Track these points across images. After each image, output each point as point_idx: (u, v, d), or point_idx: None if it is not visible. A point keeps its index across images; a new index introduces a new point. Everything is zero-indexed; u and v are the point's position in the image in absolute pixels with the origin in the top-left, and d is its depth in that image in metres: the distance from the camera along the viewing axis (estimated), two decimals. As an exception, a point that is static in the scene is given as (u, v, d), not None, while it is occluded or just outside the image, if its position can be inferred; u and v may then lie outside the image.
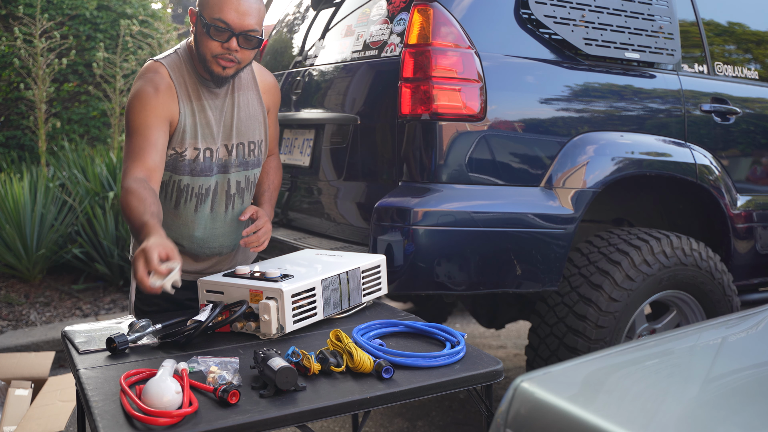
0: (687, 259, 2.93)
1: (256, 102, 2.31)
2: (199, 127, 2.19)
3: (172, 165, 2.20)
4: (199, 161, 2.20)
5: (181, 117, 2.15)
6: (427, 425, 3.45)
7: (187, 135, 2.17)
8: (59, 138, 7.20)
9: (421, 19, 2.62)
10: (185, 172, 2.20)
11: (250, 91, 2.30)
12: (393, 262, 2.54)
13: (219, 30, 2.07)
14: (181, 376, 1.61)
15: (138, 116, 2.09)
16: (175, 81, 2.16)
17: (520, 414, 1.43)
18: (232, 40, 2.08)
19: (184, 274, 2.31)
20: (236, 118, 2.25)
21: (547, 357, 2.86)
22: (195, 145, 2.18)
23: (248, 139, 2.28)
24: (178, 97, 2.15)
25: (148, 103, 2.10)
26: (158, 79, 2.14)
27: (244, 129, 2.27)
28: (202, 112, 2.20)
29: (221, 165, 2.25)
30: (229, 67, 2.13)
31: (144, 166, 2.06)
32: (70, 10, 7.50)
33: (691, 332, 1.84)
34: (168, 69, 2.17)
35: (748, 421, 1.29)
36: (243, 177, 2.30)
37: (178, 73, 2.18)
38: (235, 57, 2.11)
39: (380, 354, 1.78)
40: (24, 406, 3.01)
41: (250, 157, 2.29)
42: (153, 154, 2.08)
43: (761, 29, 3.57)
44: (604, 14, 2.90)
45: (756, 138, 3.38)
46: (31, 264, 5.28)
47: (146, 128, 2.08)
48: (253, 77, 2.32)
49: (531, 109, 2.76)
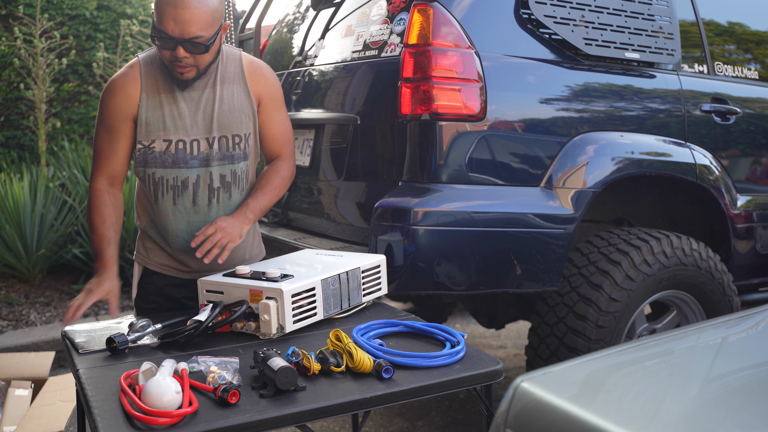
0: (687, 259, 2.93)
1: (242, 95, 2.27)
2: (167, 119, 2.19)
3: (143, 159, 2.22)
4: (170, 153, 2.20)
5: (141, 110, 2.19)
6: (427, 425, 3.45)
7: (152, 127, 2.19)
8: (59, 138, 7.20)
9: (421, 19, 2.62)
10: (157, 165, 2.22)
11: (236, 84, 2.26)
12: (393, 262, 2.54)
13: (163, 39, 2.09)
14: (181, 376, 1.61)
15: (103, 113, 2.23)
16: (144, 74, 2.20)
17: (520, 414, 1.43)
18: (178, 49, 2.08)
19: (180, 272, 2.32)
20: (218, 111, 2.22)
21: (547, 357, 2.86)
22: (164, 137, 2.20)
23: (232, 132, 2.25)
24: (141, 90, 2.19)
25: (109, 103, 2.21)
26: (125, 73, 2.22)
27: (227, 122, 2.24)
28: (173, 104, 2.20)
29: (202, 158, 2.23)
30: (186, 71, 2.14)
31: (106, 173, 2.25)
32: (70, 10, 7.50)
33: (691, 332, 1.84)
34: (141, 63, 2.22)
35: (748, 421, 1.29)
36: (228, 170, 2.26)
37: (151, 67, 2.22)
38: (188, 63, 2.12)
39: (380, 354, 1.78)
40: (24, 406, 3.01)
41: (234, 150, 2.26)
42: (113, 159, 2.24)
43: (761, 29, 3.57)
44: (604, 14, 2.90)
45: (756, 138, 3.38)
46: (31, 264, 5.28)
47: (108, 131, 2.22)
48: (240, 70, 2.28)
49: (531, 109, 2.76)
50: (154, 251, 2.34)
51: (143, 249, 2.36)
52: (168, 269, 2.34)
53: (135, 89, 2.19)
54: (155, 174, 2.22)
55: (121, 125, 2.20)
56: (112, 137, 2.21)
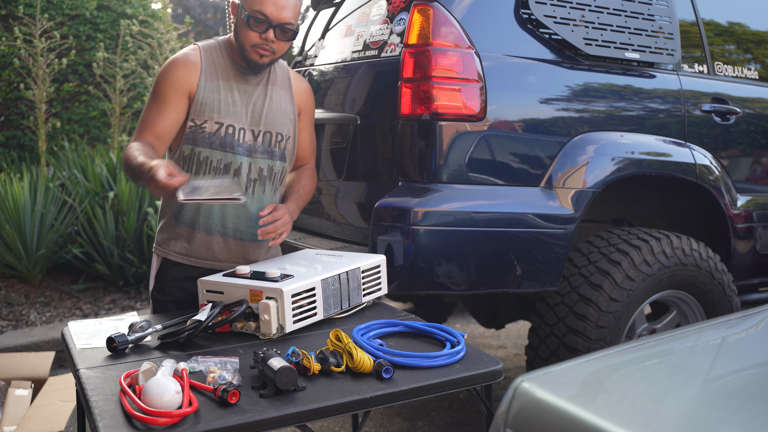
0: (687, 259, 2.93)
1: (287, 100, 2.43)
2: (222, 103, 2.31)
3: (192, 137, 2.31)
4: (219, 135, 2.30)
5: (199, 89, 2.29)
6: (427, 425, 3.45)
7: (206, 108, 2.29)
8: (59, 138, 7.20)
9: (421, 19, 2.62)
10: (205, 144, 2.30)
11: (284, 89, 2.44)
12: (393, 262, 2.54)
13: (258, 21, 2.24)
14: (181, 376, 1.61)
15: (159, 86, 2.29)
16: (204, 59, 2.33)
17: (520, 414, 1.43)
18: (269, 32, 2.25)
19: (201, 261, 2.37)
20: (267, 108, 2.37)
21: (547, 357, 2.86)
22: (217, 119, 2.30)
23: (276, 130, 2.38)
24: (201, 72, 2.30)
25: (169, 75, 2.29)
26: (187, 53, 2.34)
27: (273, 119, 2.38)
28: (229, 91, 2.33)
29: (247, 147, 2.33)
30: (265, 55, 2.28)
31: (152, 132, 2.27)
32: (70, 10, 7.50)
33: (691, 332, 1.84)
34: (201, 49, 2.36)
35: (748, 421, 1.29)
36: (267, 165, 2.37)
37: (210, 54, 2.35)
38: (272, 47, 2.27)
39: (380, 354, 1.78)
40: (24, 406, 3.01)
41: (276, 147, 2.38)
42: (160, 124, 2.27)
43: (761, 29, 3.57)
44: (604, 14, 2.90)
45: (756, 138, 3.38)
46: (31, 264, 5.28)
47: (163, 101, 2.28)
48: (288, 79, 2.47)
49: (531, 109, 2.76)
50: (175, 241, 2.37)
51: (163, 240, 2.40)
52: (188, 258, 2.37)
53: (196, 68, 2.31)
54: (201, 153, 2.30)
55: (175, 97, 2.28)
56: (163, 107, 2.28)
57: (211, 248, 2.36)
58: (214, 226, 2.35)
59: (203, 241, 2.36)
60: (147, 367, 1.65)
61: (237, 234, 2.36)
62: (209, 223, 2.35)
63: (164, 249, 2.40)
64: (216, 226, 2.35)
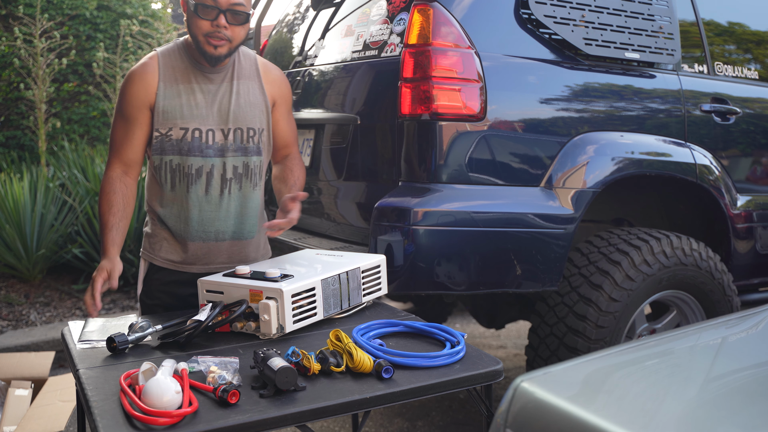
0: (687, 259, 2.93)
1: (257, 91, 2.35)
2: (184, 108, 2.25)
3: (159, 147, 2.27)
4: (186, 140, 2.26)
5: (159, 98, 2.25)
6: (427, 425, 3.45)
7: (169, 115, 2.25)
8: (59, 138, 7.20)
9: (421, 19, 2.62)
10: (174, 152, 2.27)
11: (252, 80, 2.36)
12: (393, 262, 2.54)
13: (206, 8, 2.18)
14: (181, 376, 1.61)
15: (121, 102, 2.28)
16: (162, 64, 2.28)
17: (520, 414, 1.43)
18: (220, 17, 2.18)
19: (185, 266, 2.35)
20: (234, 104, 2.30)
21: (547, 357, 2.86)
22: (181, 124, 2.25)
23: (247, 125, 2.32)
24: (159, 79, 2.25)
25: (127, 91, 2.27)
26: (144, 63, 2.29)
27: (243, 115, 2.31)
28: (191, 94, 2.27)
29: (218, 148, 2.29)
30: (220, 45, 2.21)
31: (121, 160, 2.29)
32: (70, 10, 7.50)
33: (691, 332, 1.84)
34: (159, 55, 2.30)
35: (748, 421, 1.29)
36: (241, 162, 2.32)
37: (169, 57, 2.30)
38: (225, 35, 2.20)
39: (380, 354, 1.78)
40: (24, 406, 3.01)
41: (249, 143, 2.32)
42: (129, 148, 2.28)
43: (761, 29, 3.57)
44: (604, 14, 2.90)
45: (756, 138, 3.38)
46: (31, 264, 5.28)
47: (126, 120, 2.27)
48: (256, 69, 2.38)
49: (531, 109, 2.76)
50: (160, 247, 2.35)
51: (149, 245, 2.38)
52: (174, 264, 2.35)
53: (153, 78, 2.26)
54: (172, 161, 2.28)
55: (138, 114, 2.25)
56: (129, 126, 2.27)
57: (195, 253, 2.33)
58: (195, 232, 2.31)
59: (187, 246, 2.33)
60: (147, 367, 1.65)
61: (219, 236, 2.33)
62: (189, 229, 2.31)
63: (150, 254, 2.38)
64: (196, 232, 2.31)
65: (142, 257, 2.40)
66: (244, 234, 2.36)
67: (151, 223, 2.38)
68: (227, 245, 2.35)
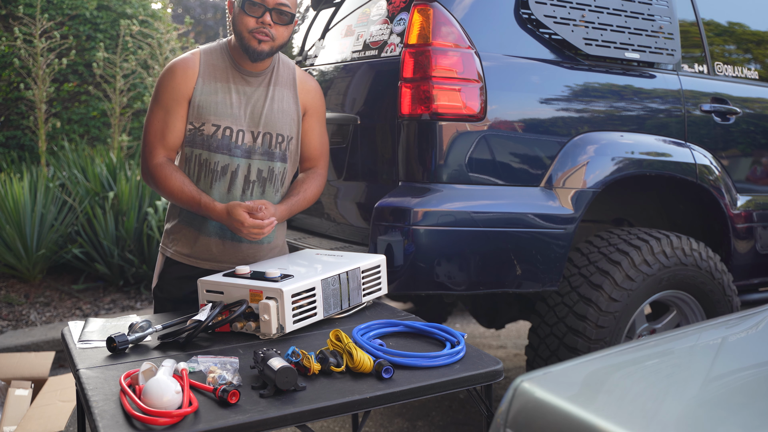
0: (687, 259, 2.93)
1: (291, 100, 2.42)
2: (219, 105, 2.32)
3: (191, 140, 2.33)
4: (216, 137, 2.31)
5: (196, 92, 2.31)
6: (427, 425, 3.45)
7: (204, 110, 2.31)
8: (59, 138, 7.19)
9: (421, 19, 2.62)
10: (203, 147, 2.32)
11: (287, 89, 2.42)
12: (393, 262, 2.54)
13: (253, 5, 2.26)
14: (181, 376, 1.61)
15: (160, 93, 2.33)
16: (203, 61, 2.34)
17: (520, 414, 1.43)
18: (266, 15, 2.26)
19: (200, 261, 2.39)
20: (267, 109, 2.36)
21: (547, 357, 2.86)
22: (214, 121, 2.31)
23: (276, 131, 2.37)
24: (199, 75, 2.32)
25: (168, 83, 2.32)
26: (185, 57, 2.36)
27: (274, 121, 2.37)
28: (227, 93, 2.33)
29: (245, 149, 2.34)
30: (264, 41, 2.27)
31: (164, 147, 2.33)
32: (70, 10, 7.50)
33: (691, 332, 1.84)
34: (201, 52, 2.37)
35: (748, 421, 1.29)
36: (266, 167, 2.37)
37: (210, 56, 2.36)
38: (270, 32, 2.27)
39: (380, 354, 1.78)
40: (24, 406, 3.01)
41: (276, 149, 2.37)
42: (170, 136, 2.32)
43: (761, 29, 3.57)
44: (604, 14, 2.90)
45: (756, 138, 3.38)
46: (31, 264, 5.28)
47: (166, 111, 2.32)
48: (293, 78, 2.45)
49: (531, 109, 2.76)
50: (177, 241, 2.41)
51: (168, 239, 2.44)
52: (188, 259, 2.39)
53: (193, 72, 2.32)
54: (201, 155, 2.33)
55: (177, 106, 2.31)
56: (168, 117, 2.31)
57: (210, 249, 2.38)
58: (213, 229, 2.37)
59: (203, 242, 2.38)
60: (147, 367, 1.65)
61: (236, 236, 2.37)
62: (208, 225, 2.37)
63: (167, 248, 2.44)
64: (214, 228, 2.37)
65: (161, 251, 2.47)
66: (262, 238, 2.38)
67: (172, 217, 2.44)
68: (245, 247, 2.39)
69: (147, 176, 2.34)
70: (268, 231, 2.25)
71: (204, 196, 2.28)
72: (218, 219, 2.26)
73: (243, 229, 2.22)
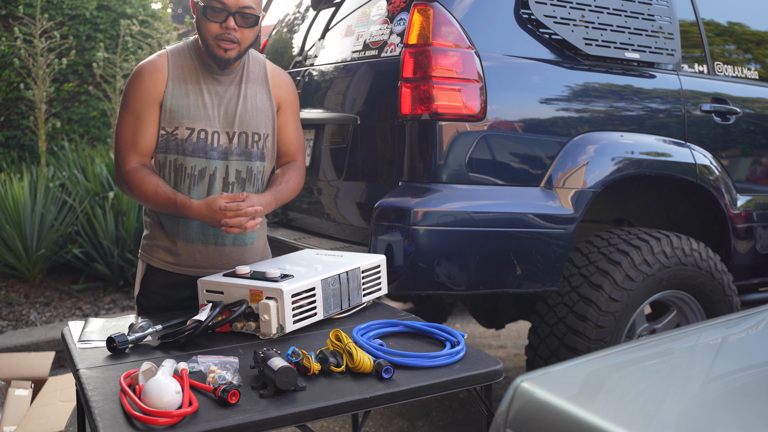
0: (687, 259, 2.93)
1: (264, 96, 2.35)
2: (192, 108, 2.24)
3: (164, 145, 2.26)
4: (191, 141, 2.24)
5: (167, 96, 2.23)
6: (427, 425, 3.45)
7: (176, 114, 2.24)
8: (59, 138, 7.20)
9: (421, 19, 2.62)
10: (178, 151, 2.25)
11: (260, 85, 2.35)
12: (393, 262, 2.54)
13: (215, 10, 2.17)
14: (181, 376, 1.61)
15: (129, 98, 2.26)
16: (171, 63, 2.26)
17: (520, 414, 1.43)
18: (229, 20, 2.17)
19: (183, 268, 2.33)
20: (240, 108, 2.29)
21: (547, 357, 2.86)
22: (187, 124, 2.24)
23: (252, 129, 2.31)
24: (168, 77, 2.24)
25: (137, 87, 2.24)
26: (153, 60, 2.27)
27: (249, 119, 2.30)
28: (199, 94, 2.26)
29: (221, 151, 2.28)
30: (230, 48, 2.21)
31: (137, 153, 2.25)
32: (70, 10, 7.50)
33: (691, 332, 1.84)
34: (169, 53, 2.29)
35: (748, 421, 1.29)
36: (244, 167, 2.31)
37: (178, 57, 2.29)
38: (235, 37, 2.19)
39: (380, 354, 1.78)
40: (24, 406, 3.01)
41: (253, 148, 2.31)
42: (142, 141, 2.25)
43: (761, 29, 3.57)
44: (604, 14, 2.90)
45: (756, 138, 3.38)
46: (31, 264, 5.28)
47: (136, 117, 2.24)
48: (264, 73, 2.37)
49: (531, 109, 2.76)
50: (158, 248, 2.34)
51: (148, 246, 2.37)
52: (171, 266, 2.33)
53: (162, 75, 2.25)
54: (176, 160, 2.26)
55: (147, 110, 2.23)
56: (139, 122, 2.24)
57: (193, 256, 2.32)
58: (194, 235, 2.30)
59: (185, 249, 2.31)
60: (147, 367, 1.65)
61: (218, 240, 2.32)
62: (189, 232, 2.30)
63: (148, 255, 2.36)
64: (196, 235, 2.30)
65: (141, 258, 2.39)
66: (245, 240, 2.36)
67: (150, 224, 2.37)
68: (228, 250, 2.34)
69: (121, 184, 2.27)
70: (256, 223, 2.18)
71: (180, 195, 2.20)
72: (197, 216, 2.18)
73: (229, 221, 2.13)
